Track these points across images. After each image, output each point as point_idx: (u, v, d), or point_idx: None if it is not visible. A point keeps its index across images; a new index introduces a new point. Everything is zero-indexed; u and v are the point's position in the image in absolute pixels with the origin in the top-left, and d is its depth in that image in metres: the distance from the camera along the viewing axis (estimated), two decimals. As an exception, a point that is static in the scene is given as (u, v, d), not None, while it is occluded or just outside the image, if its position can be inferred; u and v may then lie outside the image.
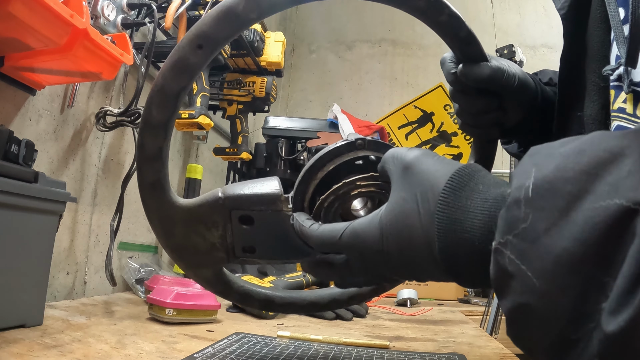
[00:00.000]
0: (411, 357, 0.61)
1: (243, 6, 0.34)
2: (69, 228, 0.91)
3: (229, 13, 0.34)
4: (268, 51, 1.27)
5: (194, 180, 1.25)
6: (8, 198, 0.57)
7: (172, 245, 0.39)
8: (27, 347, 0.52)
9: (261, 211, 0.37)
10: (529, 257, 0.22)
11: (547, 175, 0.22)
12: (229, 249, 0.38)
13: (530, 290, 0.21)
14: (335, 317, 0.98)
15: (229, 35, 0.35)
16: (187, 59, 0.35)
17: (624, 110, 0.38)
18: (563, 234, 0.20)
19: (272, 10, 0.35)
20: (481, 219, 0.26)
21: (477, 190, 0.27)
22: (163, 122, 0.36)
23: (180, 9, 0.99)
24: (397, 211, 0.30)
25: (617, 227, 0.19)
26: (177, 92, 0.36)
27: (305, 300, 0.47)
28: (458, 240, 0.27)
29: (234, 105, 1.28)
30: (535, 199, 0.22)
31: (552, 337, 0.21)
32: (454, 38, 0.42)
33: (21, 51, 0.68)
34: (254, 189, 0.38)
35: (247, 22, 0.35)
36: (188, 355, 0.56)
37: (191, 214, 0.38)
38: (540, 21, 2.15)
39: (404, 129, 2.17)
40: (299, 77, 2.39)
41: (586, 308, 0.20)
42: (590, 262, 0.20)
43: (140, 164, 0.37)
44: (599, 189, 0.20)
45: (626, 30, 0.38)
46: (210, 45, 0.35)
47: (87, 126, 0.95)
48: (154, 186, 0.37)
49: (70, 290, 0.92)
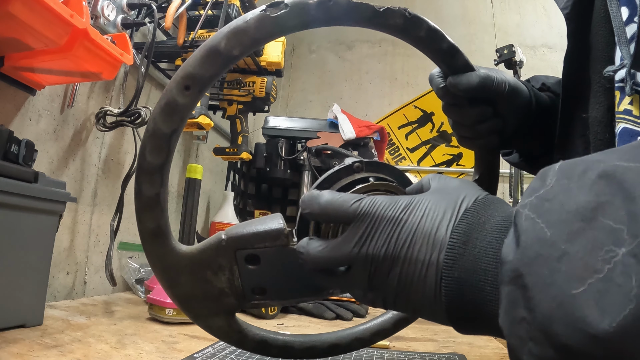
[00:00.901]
0: (411, 357, 0.61)
1: (224, 43, 0.34)
2: (69, 228, 0.91)
3: (211, 52, 0.34)
4: (268, 51, 1.27)
5: (194, 180, 1.25)
6: (8, 198, 0.57)
7: (179, 295, 0.38)
8: (27, 347, 0.52)
9: (266, 248, 0.36)
10: (545, 211, 0.23)
11: (574, 159, 0.24)
12: (238, 292, 0.37)
13: (542, 240, 0.22)
14: (335, 317, 0.98)
15: (215, 74, 0.35)
16: (175, 101, 0.35)
17: (630, 112, 0.38)
18: (580, 190, 0.22)
19: (254, 45, 0.35)
20: (493, 236, 0.27)
21: (494, 216, 0.29)
22: (158, 166, 0.36)
23: (180, 9, 0.99)
24: (418, 216, 0.30)
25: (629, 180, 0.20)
26: (169, 135, 0.35)
27: (325, 343, 0.45)
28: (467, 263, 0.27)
29: (234, 105, 1.27)
30: (560, 170, 0.24)
31: (557, 292, 0.20)
32: (437, 52, 0.42)
33: (21, 51, 0.68)
34: (257, 227, 0.37)
35: (230, 59, 0.35)
36: (188, 355, 0.56)
37: (195, 260, 0.37)
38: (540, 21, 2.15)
39: (404, 129, 2.17)
40: (299, 77, 2.39)
41: (594, 254, 0.20)
42: (601, 210, 0.20)
43: (139, 211, 0.37)
44: (615, 156, 0.22)
45: (629, 31, 0.38)
46: (198, 85, 0.35)
47: (87, 126, 0.95)
48: (156, 234, 0.37)
49: (70, 290, 0.92)
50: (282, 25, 0.35)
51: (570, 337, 0.19)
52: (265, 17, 0.34)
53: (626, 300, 0.18)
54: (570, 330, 0.20)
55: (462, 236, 0.28)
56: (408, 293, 0.30)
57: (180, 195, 1.36)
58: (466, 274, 0.27)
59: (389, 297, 0.31)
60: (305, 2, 0.35)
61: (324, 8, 0.35)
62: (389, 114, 2.19)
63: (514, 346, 0.23)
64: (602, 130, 0.42)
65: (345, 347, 0.47)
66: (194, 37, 1.00)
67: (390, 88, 2.25)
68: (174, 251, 0.37)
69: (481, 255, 0.27)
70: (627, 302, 0.18)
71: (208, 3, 1.00)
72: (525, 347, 0.22)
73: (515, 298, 0.22)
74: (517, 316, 0.22)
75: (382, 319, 0.50)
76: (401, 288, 0.30)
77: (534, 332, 0.21)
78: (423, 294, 0.29)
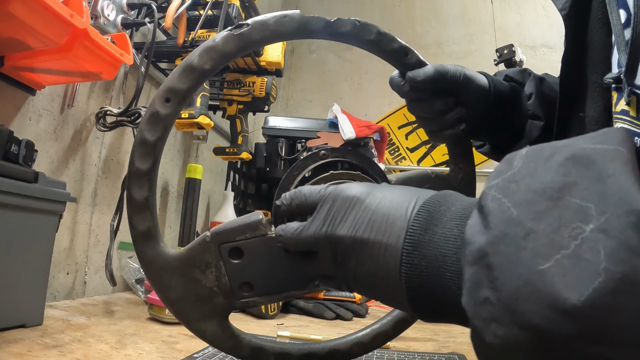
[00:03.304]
0: (411, 357, 0.61)
1: (197, 60, 0.40)
2: (69, 228, 0.91)
3: (186, 67, 0.40)
4: (268, 51, 1.27)
5: (194, 180, 1.25)
6: (8, 198, 0.57)
7: (172, 298, 0.39)
8: (27, 347, 0.52)
9: (247, 239, 0.38)
10: (511, 192, 0.23)
11: (541, 145, 0.25)
12: (226, 290, 0.38)
13: (508, 219, 0.22)
14: (335, 317, 0.98)
15: (191, 86, 0.40)
16: (158, 112, 0.39)
17: (627, 113, 0.37)
18: (546, 171, 0.22)
19: (224, 59, 0.40)
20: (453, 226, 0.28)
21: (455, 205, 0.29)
22: (146, 172, 0.40)
23: (180, 9, 0.99)
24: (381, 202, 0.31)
25: (596, 159, 0.21)
26: (154, 143, 0.39)
27: (324, 349, 0.46)
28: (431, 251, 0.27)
29: (234, 105, 1.27)
30: (527, 154, 0.24)
31: (523, 270, 0.20)
32: (390, 53, 0.45)
33: (21, 51, 0.68)
34: (238, 221, 0.39)
35: (203, 72, 0.40)
36: (188, 355, 0.56)
37: (184, 260, 0.39)
38: (540, 21, 2.15)
39: (403, 129, 2.17)
40: (299, 77, 2.38)
41: (560, 232, 0.20)
42: (567, 190, 0.21)
43: (130, 215, 0.40)
44: (584, 139, 0.23)
45: (627, 34, 0.37)
46: (177, 98, 0.40)
47: (87, 126, 0.95)
48: (146, 235, 0.39)
49: (70, 290, 0.92)
50: (245, 41, 0.40)
51: (537, 314, 0.19)
52: (230, 36, 0.40)
53: (594, 274, 0.18)
54: (537, 307, 0.19)
55: (423, 223, 0.28)
56: (370, 278, 0.30)
57: (180, 195, 1.36)
58: (426, 261, 0.27)
59: (351, 281, 0.32)
60: (264, 20, 0.40)
61: (280, 23, 0.41)
62: (389, 114, 2.19)
63: (477, 328, 0.22)
64: (598, 129, 0.42)
65: (345, 353, 0.47)
66: (194, 37, 1.00)
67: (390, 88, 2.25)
68: (164, 254, 0.39)
69: (441, 241, 0.27)
70: (595, 276, 0.18)
71: (208, 3, 1.00)
72: (489, 329, 0.22)
73: (479, 279, 0.22)
74: (480, 296, 0.22)
75: (381, 322, 0.49)
76: (362, 272, 0.31)
77: (498, 312, 0.21)
78: (384, 280, 0.29)
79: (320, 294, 1.04)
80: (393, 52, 0.46)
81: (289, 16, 0.41)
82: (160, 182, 1.28)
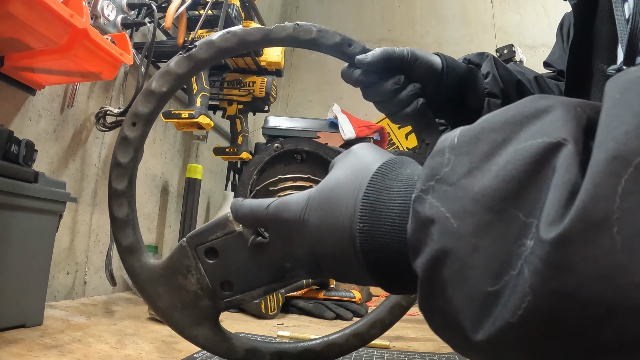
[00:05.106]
0: (411, 357, 0.61)
1: (154, 84, 0.43)
2: (69, 228, 0.91)
3: (146, 92, 0.43)
4: (268, 51, 1.27)
5: (193, 180, 1.25)
6: (8, 198, 0.57)
7: (161, 306, 0.40)
8: (27, 347, 0.52)
9: (218, 238, 0.38)
10: (448, 199, 0.21)
11: (472, 128, 0.22)
12: (210, 292, 0.39)
13: (449, 232, 0.20)
14: (335, 316, 0.98)
15: (154, 110, 0.43)
16: (127, 136, 0.42)
17: None
18: (484, 174, 0.20)
19: (179, 81, 0.43)
20: (402, 198, 0.26)
21: (404, 174, 0.28)
22: (123, 191, 0.43)
23: (180, 9, 0.99)
24: (328, 185, 0.31)
25: (538, 163, 0.18)
26: (127, 164, 0.43)
27: (321, 345, 0.46)
28: (379, 218, 0.27)
29: (234, 105, 1.27)
30: (459, 145, 0.22)
31: (471, 288, 0.19)
32: (334, 46, 0.46)
33: (21, 51, 0.68)
34: (210, 222, 0.40)
35: (162, 95, 0.43)
36: (188, 355, 0.56)
37: (166, 268, 0.40)
38: (540, 21, 2.15)
39: (404, 129, 2.17)
40: (299, 77, 2.38)
41: (507, 249, 0.18)
42: (510, 200, 0.19)
43: (114, 231, 0.42)
44: (524, 135, 0.20)
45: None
46: (142, 121, 0.43)
47: (87, 126, 0.95)
48: (130, 249, 0.41)
49: (70, 290, 0.92)
50: (195, 60, 0.43)
51: (484, 332, 0.19)
52: (180, 58, 0.43)
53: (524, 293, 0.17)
54: (481, 326, 0.19)
55: (369, 207, 0.28)
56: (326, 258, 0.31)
57: (180, 195, 1.36)
58: (380, 248, 0.27)
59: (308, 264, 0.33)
60: (209, 39, 0.43)
61: (224, 39, 0.43)
62: (389, 114, 2.20)
63: (433, 329, 0.23)
64: None
65: (341, 345, 0.47)
66: (194, 37, 1.00)
67: (390, 88, 2.25)
68: (148, 265, 0.41)
69: (388, 234, 0.27)
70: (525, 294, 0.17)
71: (208, 3, 1.00)
72: (445, 335, 0.22)
73: (430, 290, 0.22)
74: (433, 305, 0.22)
75: (375, 311, 0.49)
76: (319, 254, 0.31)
77: (450, 321, 0.21)
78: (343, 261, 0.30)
79: (320, 294, 1.04)
80: (336, 45, 0.46)
81: (231, 32, 0.43)
82: (161, 182, 1.28)
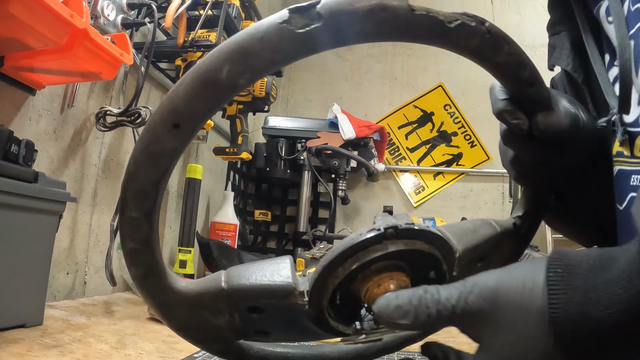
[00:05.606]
0: (411, 357, 0.61)
1: (227, 71, 0.26)
2: (69, 228, 0.91)
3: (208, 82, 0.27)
4: (268, 51, 1.27)
5: (194, 180, 1.25)
6: (8, 198, 0.57)
7: (175, 326, 0.36)
8: (27, 347, 0.52)
9: (272, 305, 0.33)
10: None
11: None
12: (239, 331, 0.35)
13: None
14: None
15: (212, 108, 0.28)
16: (161, 142, 0.29)
17: (622, 154, 0.38)
18: None
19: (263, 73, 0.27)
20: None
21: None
22: (141, 217, 0.30)
23: (180, 9, 0.99)
24: None
25: None
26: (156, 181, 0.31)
27: (334, 353, 0.44)
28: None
29: (234, 105, 1.27)
30: None
31: None
32: (516, 80, 0.33)
33: (21, 51, 0.68)
34: (262, 279, 0.33)
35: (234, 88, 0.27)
36: (188, 355, 0.56)
37: (192, 300, 0.34)
38: (540, 21, 2.15)
39: (404, 129, 2.17)
40: (299, 77, 2.38)
41: None
42: None
43: (127, 262, 0.33)
44: None
45: (611, 76, 0.39)
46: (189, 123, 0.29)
47: (87, 126, 0.95)
48: (146, 276, 0.33)
49: (70, 290, 0.92)
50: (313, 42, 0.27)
51: None
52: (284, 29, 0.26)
53: None
54: None
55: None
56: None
57: (180, 195, 1.36)
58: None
59: None
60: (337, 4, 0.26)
61: (373, 18, 0.26)
62: (389, 114, 2.19)
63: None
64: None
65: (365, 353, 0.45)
66: (194, 37, 1.00)
67: (390, 88, 2.24)
68: (168, 289, 0.34)
69: (592, 301, 0.22)
70: None
71: (208, 3, 1.00)
72: None
73: None
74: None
75: (389, 337, 0.47)
76: None
77: None
78: None
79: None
80: (518, 80, 0.33)
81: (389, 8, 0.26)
82: (160, 182, 1.27)
